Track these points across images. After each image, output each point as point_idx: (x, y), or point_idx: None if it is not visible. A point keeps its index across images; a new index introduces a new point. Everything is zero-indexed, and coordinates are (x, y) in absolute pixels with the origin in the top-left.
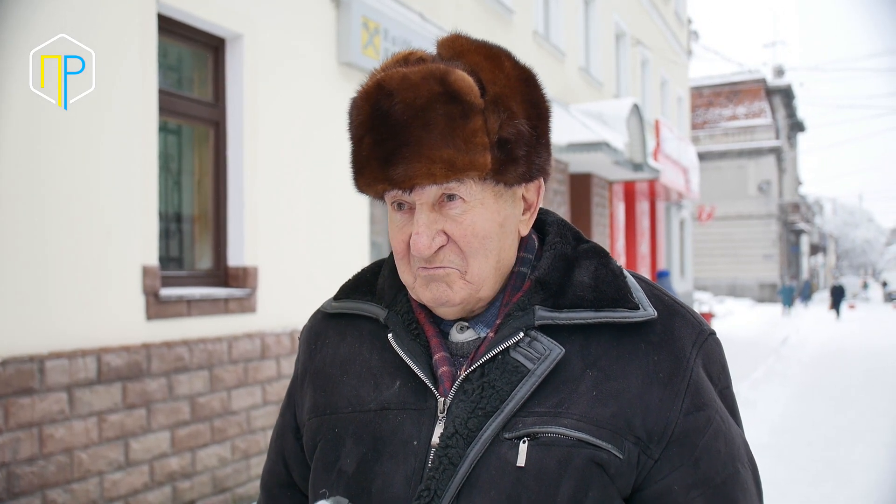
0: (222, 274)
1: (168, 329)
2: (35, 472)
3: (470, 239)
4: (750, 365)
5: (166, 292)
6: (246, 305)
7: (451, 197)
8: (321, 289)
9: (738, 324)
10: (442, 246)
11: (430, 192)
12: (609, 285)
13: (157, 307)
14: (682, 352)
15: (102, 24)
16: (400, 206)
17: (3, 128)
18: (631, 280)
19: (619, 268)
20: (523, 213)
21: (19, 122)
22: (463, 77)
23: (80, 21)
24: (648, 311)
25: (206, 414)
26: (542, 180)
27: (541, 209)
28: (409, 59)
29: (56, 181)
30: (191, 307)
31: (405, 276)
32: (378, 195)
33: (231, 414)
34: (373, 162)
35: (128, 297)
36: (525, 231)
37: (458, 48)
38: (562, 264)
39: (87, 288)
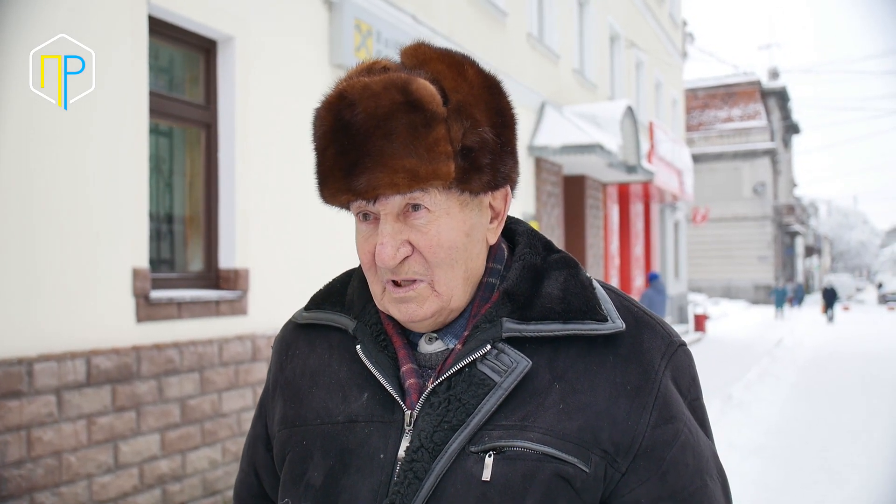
0: (213, 276)
1: (158, 331)
2: (23, 475)
3: (436, 249)
4: (744, 366)
5: (157, 294)
6: (237, 308)
7: (415, 207)
8: (312, 291)
9: (732, 325)
10: (407, 256)
11: (393, 203)
12: (577, 297)
13: (147, 309)
14: (650, 364)
15: (93, 25)
16: (365, 216)
17: None
18: (600, 291)
19: (589, 279)
20: (491, 222)
21: (11, 123)
22: (424, 86)
23: (71, 22)
24: (617, 323)
25: (196, 416)
26: (508, 188)
27: (511, 218)
28: (373, 68)
29: (46, 183)
30: (181, 309)
31: (373, 286)
32: (343, 206)
33: (222, 416)
34: (336, 172)
35: (118, 300)
36: (493, 240)
37: (421, 56)
38: (530, 275)
39: (76, 290)
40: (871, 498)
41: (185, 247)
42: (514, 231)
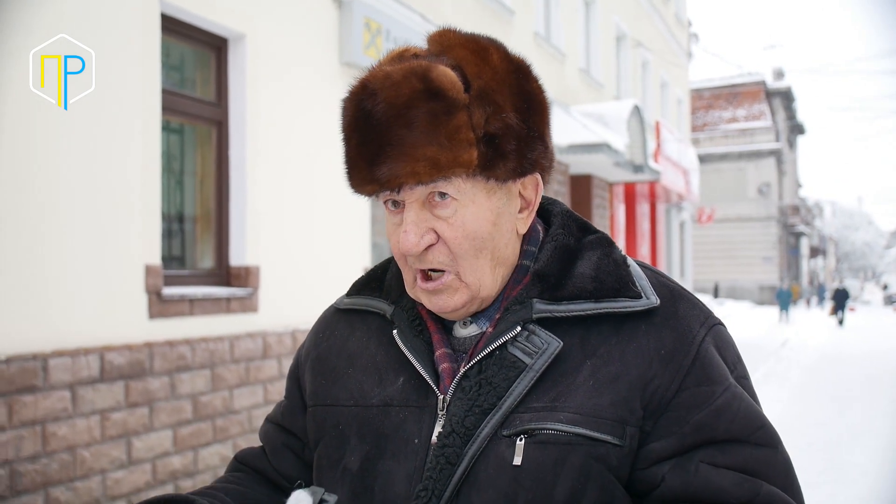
0: (224, 273)
1: (170, 328)
2: (38, 470)
3: (461, 241)
4: (750, 367)
5: (169, 291)
6: (248, 305)
7: (441, 195)
8: (323, 289)
9: (737, 326)
10: (431, 245)
11: (418, 191)
12: (610, 275)
13: (159, 306)
14: (687, 329)
15: (105, 23)
16: (395, 204)
17: (8, 127)
18: (635, 269)
19: (624, 257)
20: (520, 212)
21: (24, 121)
22: (444, 73)
23: (82, 20)
24: (651, 299)
25: (208, 413)
26: (538, 176)
27: (548, 199)
28: (403, 55)
29: (59, 180)
30: (193, 306)
31: (405, 275)
32: (371, 195)
33: (233, 413)
34: (360, 162)
35: (130, 296)
36: (523, 230)
37: (446, 43)
38: (562, 256)
39: (90, 286)
40: (878, 498)
41: (197, 244)
42: (549, 212)
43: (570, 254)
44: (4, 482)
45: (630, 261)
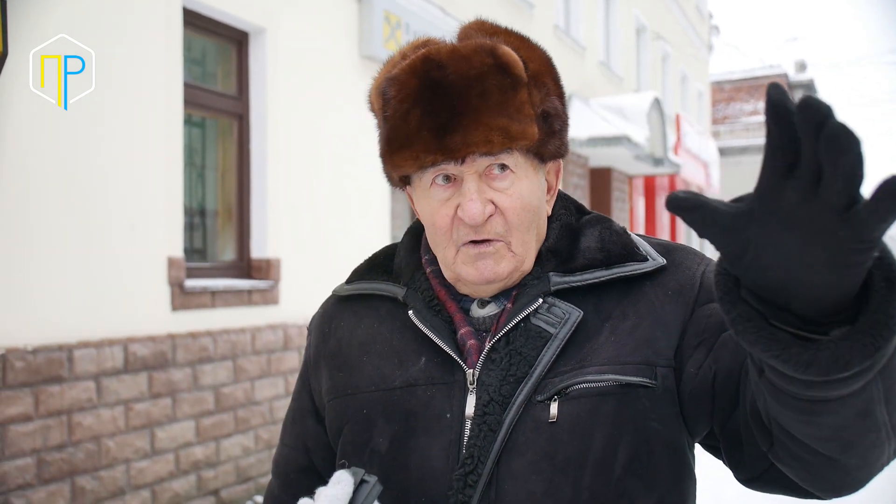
0: (245, 266)
1: (193, 320)
2: (64, 459)
3: (519, 211)
4: None
5: (191, 283)
6: (269, 297)
7: (502, 167)
8: (343, 281)
9: None
10: (490, 215)
11: (479, 163)
12: (615, 244)
13: (182, 298)
14: (688, 269)
15: (128, 17)
16: (446, 178)
17: (30, 122)
18: (635, 237)
19: (623, 228)
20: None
21: (47, 116)
22: (510, 52)
23: (105, 15)
24: (658, 259)
25: (229, 404)
26: (560, 163)
27: None
28: (427, 45)
29: (83, 174)
30: (215, 298)
31: (447, 251)
32: (421, 169)
33: (254, 404)
34: (423, 133)
35: (153, 288)
36: (548, 212)
37: (489, 30)
38: (568, 233)
39: (113, 279)
40: (889, 496)
41: (218, 236)
42: None
43: (573, 231)
44: (32, 471)
45: (629, 231)
